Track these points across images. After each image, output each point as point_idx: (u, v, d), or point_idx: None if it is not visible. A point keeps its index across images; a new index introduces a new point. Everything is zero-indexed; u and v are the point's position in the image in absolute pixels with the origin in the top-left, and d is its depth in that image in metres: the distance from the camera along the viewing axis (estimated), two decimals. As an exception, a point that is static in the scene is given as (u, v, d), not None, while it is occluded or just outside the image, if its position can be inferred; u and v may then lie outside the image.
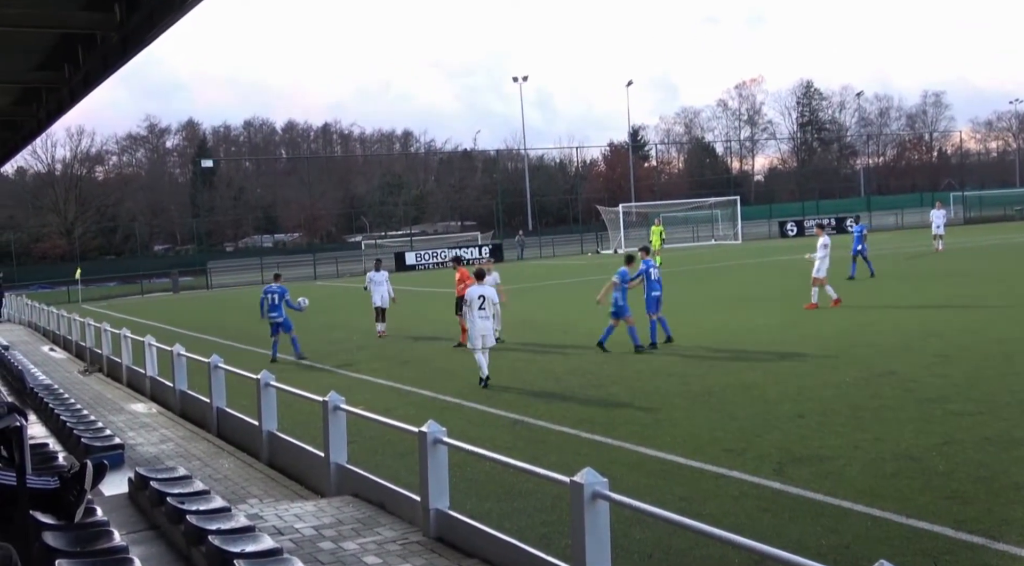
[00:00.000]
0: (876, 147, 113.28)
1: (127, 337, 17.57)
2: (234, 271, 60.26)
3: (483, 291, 14.82)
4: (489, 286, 15.28)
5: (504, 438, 10.91)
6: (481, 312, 14.55)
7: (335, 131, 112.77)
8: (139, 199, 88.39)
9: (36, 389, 12.82)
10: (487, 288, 15.07)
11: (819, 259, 21.61)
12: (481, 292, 14.77)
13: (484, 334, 14.49)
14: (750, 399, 12.21)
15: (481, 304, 14.59)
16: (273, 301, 19.78)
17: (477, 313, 14.56)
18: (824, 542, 6.93)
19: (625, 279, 16.91)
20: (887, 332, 17.07)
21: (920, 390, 11.93)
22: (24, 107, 12.54)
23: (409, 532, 7.01)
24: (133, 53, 8.60)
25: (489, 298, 14.74)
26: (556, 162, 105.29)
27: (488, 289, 15.01)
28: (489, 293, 14.85)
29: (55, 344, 25.69)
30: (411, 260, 58.32)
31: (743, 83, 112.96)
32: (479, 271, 15.80)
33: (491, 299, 14.81)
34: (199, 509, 6.32)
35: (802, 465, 8.96)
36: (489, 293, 14.85)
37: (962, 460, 8.78)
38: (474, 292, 14.83)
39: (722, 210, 69.01)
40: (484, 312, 14.58)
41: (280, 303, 19.78)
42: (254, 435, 10.70)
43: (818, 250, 21.79)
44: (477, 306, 14.58)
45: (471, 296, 14.77)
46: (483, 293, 14.75)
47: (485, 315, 14.60)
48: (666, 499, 7.90)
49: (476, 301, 14.62)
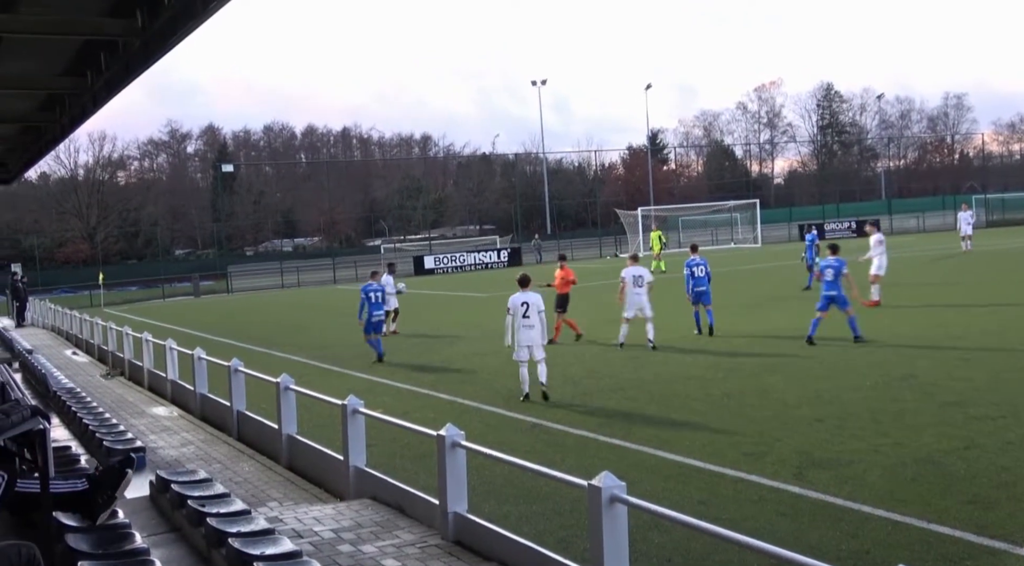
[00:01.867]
0: (897, 150, 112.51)
1: (148, 341, 17.69)
2: (254, 275, 60.60)
3: (527, 298, 13.63)
4: (533, 292, 13.97)
5: (522, 441, 10.91)
6: (526, 321, 13.49)
7: (354, 135, 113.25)
8: (160, 204, 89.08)
9: (59, 392, 12.92)
10: (531, 294, 13.78)
11: (877, 256, 21.55)
12: (525, 299, 13.60)
13: (530, 345, 13.46)
14: (769, 402, 12.17)
15: (525, 312, 13.50)
16: (378, 299, 19.31)
17: (521, 321, 13.50)
18: (844, 547, 6.89)
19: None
20: (907, 335, 16.96)
21: (941, 393, 11.85)
22: (48, 113, 12.67)
23: (427, 535, 7.03)
24: (155, 58, 8.70)
25: (534, 305, 13.58)
26: (575, 165, 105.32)
27: (532, 295, 13.77)
28: (533, 300, 13.65)
29: (77, 348, 25.89)
30: (430, 264, 58.42)
31: (762, 86, 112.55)
32: (523, 277, 14.29)
33: (536, 306, 13.59)
34: (220, 512, 6.35)
35: (821, 469, 8.92)
36: (533, 300, 13.65)
37: (984, 464, 8.71)
38: (517, 299, 13.67)
39: (741, 213, 68.74)
40: (529, 320, 13.49)
41: (382, 301, 19.41)
42: (274, 438, 10.76)
43: (873, 247, 21.81)
44: (521, 314, 13.52)
45: (514, 304, 13.67)
46: (527, 300, 13.59)
47: (530, 324, 13.50)
48: (684, 503, 7.89)
49: (519, 309, 13.55)
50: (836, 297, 16.64)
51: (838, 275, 16.71)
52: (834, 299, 16.64)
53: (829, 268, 16.78)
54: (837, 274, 16.70)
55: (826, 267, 16.88)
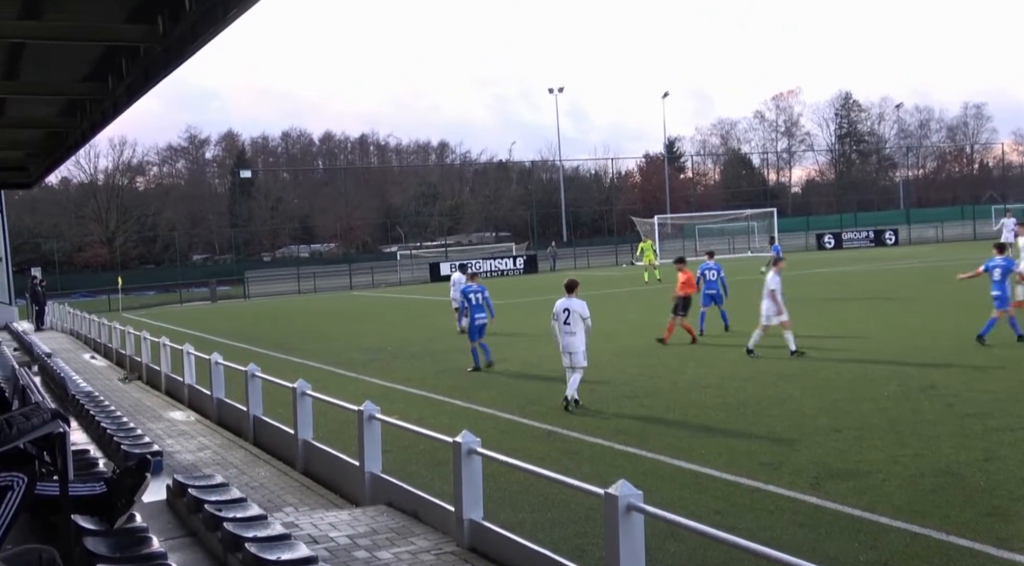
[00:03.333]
0: (916, 159, 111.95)
1: (166, 345, 17.78)
2: (271, 281, 60.83)
3: (569, 304, 13.38)
4: (577, 299, 13.61)
5: (538, 449, 10.90)
6: (567, 327, 13.27)
7: (371, 142, 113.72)
8: (179, 209, 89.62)
9: (77, 396, 13.00)
10: (574, 301, 13.45)
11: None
12: (567, 305, 13.36)
13: (571, 352, 13.28)
14: (786, 412, 12.10)
15: (567, 318, 13.28)
16: (477, 300, 18.24)
17: (563, 328, 13.31)
18: (862, 558, 6.84)
19: None
20: (927, 345, 16.85)
21: (960, 404, 11.76)
22: (69, 118, 12.78)
23: (443, 542, 7.02)
24: (175, 65, 8.76)
25: (576, 312, 13.29)
26: (591, 173, 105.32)
27: (576, 302, 13.44)
28: (576, 306, 13.34)
29: (96, 352, 26.05)
30: (446, 271, 58.43)
31: (780, 94, 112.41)
32: (570, 282, 13.85)
33: (578, 313, 13.30)
34: (236, 516, 6.37)
35: (839, 480, 8.86)
36: (576, 306, 13.34)
37: (1004, 476, 8.63)
38: (560, 306, 13.41)
39: (758, 222, 68.55)
40: (570, 327, 13.27)
41: (483, 304, 18.25)
42: (290, 444, 10.79)
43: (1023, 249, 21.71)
44: (563, 320, 13.31)
45: (557, 310, 13.44)
46: (569, 306, 13.35)
47: (571, 330, 13.26)
48: (701, 512, 7.85)
49: (561, 315, 13.33)
50: (1000, 296, 16.89)
51: (1006, 274, 16.98)
52: (997, 298, 16.88)
53: (997, 268, 17.02)
54: (1005, 273, 16.94)
55: (994, 267, 17.05)
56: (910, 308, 23.21)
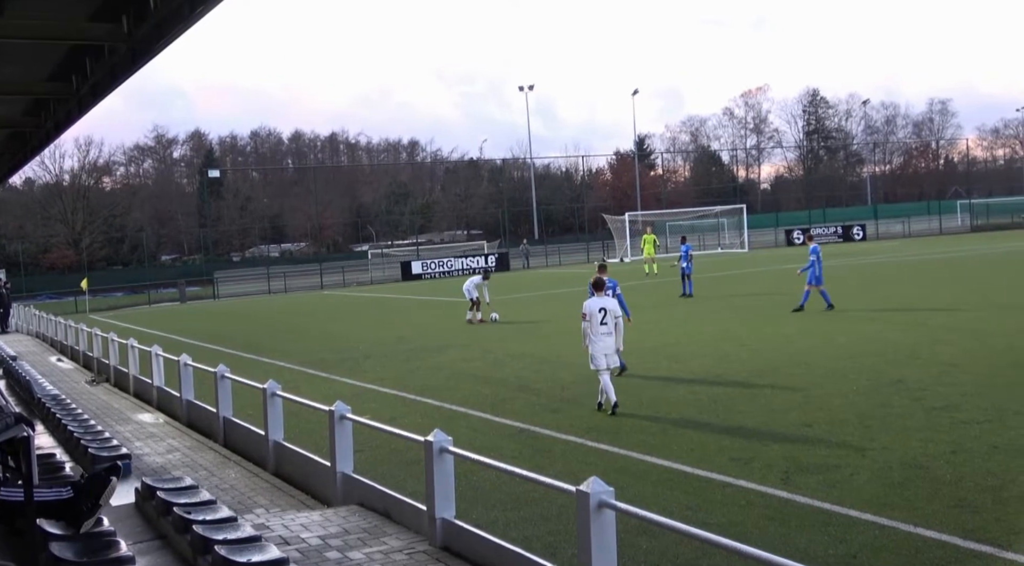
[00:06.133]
0: (883, 155, 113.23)
1: (134, 347, 17.60)
2: (241, 281, 60.45)
3: (604, 303, 12.77)
4: (609, 297, 13.25)
5: (510, 447, 10.90)
6: (603, 327, 12.56)
7: (341, 141, 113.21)
8: (146, 209, 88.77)
9: (43, 399, 12.83)
10: (608, 299, 13.00)
11: None
12: (602, 305, 12.72)
13: (607, 353, 12.63)
14: (757, 408, 12.19)
15: (603, 318, 12.58)
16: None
17: (599, 329, 12.57)
18: (832, 551, 6.90)
19: None
20: (896, 340, 17.03)
21: (928, 398, 11.89)
22: (33, 118, 12.63)
23: (415, 541, 7.00)
24: (141, 63, 8.67)
25: (611, 311, 12.70)
26: (562, 171, 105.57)
27: (610, 300, 13.00)
28: (611, 305, 12.82)
29: (62, 354, 25.74)
30: (417, 270, 58.41)
31: (749, 91, 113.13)
32: (598, 280, 13.28)
33: (613, 312, 12.73)
34: (206, 519, 6.32)
35: (809, 474, 8.93)
36: (611, 305, 12.82)
37: (970, 469, 8.75)
38: (594, 305, 12.69)
39: (728, 218, 69.04)
40: (606, 327, 12.57)
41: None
42: (261, 445, 10.71)
43: None
44: (598, 321, 12.59)
45: (591, 310, 12.66)
46: (604, 305, 12.72)
47: (608, 330, 12.59)
48: (673, 508, 7.89)
49: (597, 315, 12.60)
50: None
51: None
52: None
53: None
54: None
55: None
56: (879, 301, 23.44)
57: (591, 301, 12.86)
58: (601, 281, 13.32)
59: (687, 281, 29.47)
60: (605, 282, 13.45)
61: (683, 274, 29.50)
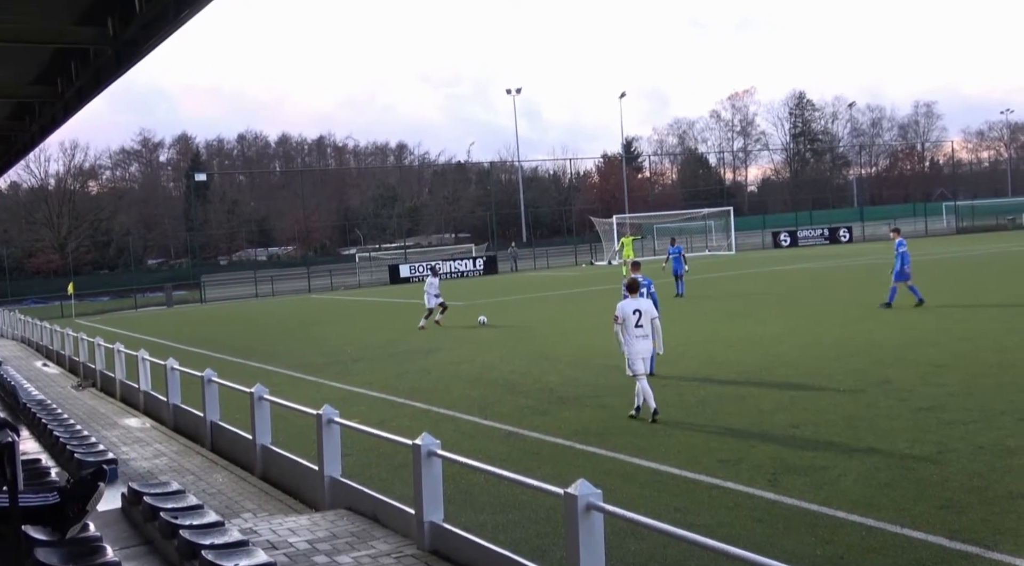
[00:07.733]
0: (868, 157, 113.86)
1: (120, 351, 17.52)
2: (228, 285, 60.26)
3: (639, 305, 12.33)
4: (644, 297, 12.85)
5: (498, 450, 10.89)
6: (639, 330, 12.12)
7: (329, 144, 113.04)
8: (133, 213, 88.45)
9: (29, 404, 12.77)
10: (643, 301, 12.57)
11: None
12: (636, 306, 12.28)
13: (645, 357, 12.25)
14: (744, 409, 12.22)
15: (638, 321, 12.15)
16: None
17: (634, 331, 12.13)
18: (819, 553, 6.92)
19: None
20: (882, 341, 17.10)
21: (915, 399, 11.95)
22: (18, 121, 12.57)
23: (404, 545, 6.99)
24: (127, 67, 8.65)
25: (647, 313, 12.27)
26: (550, 173, 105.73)
27: (645, 302, 12.58)
28: (646, 306, 12.40)
29: (48, 359, 25.61)
30: (405, 273, 58.26)
31: (735, 94, 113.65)
32: (632, 282, 12.91)
33: (648, 314, 12.30)
34: (192, 524, 6.30)
35: (796, 475, 8.96)
36: (646, 306, 12.40)
37: (956, 469, 8.79)
38: (628, 307, 12.24)
39: (715, 221, 69.27)
40: (642, 330, 12.14)
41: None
42: (248, 449, 10.68)
43: None
44: (633, 323, 12.15)
45: (624, 312, 12.22)
46: (639, 307, 12.26)
47: (644, 333, 12.16)
48: (660, 510, 7.90)
49: (631, 317, 12.16)
50: None
51: None
52: None
53: None
54: None
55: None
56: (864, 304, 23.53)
57: (625, 303, 12.44)
58: (635, 282, 13.00)
59: (679, 281, 29.89)
60: (639, 282, 13.12)
61: (675, 274, 29.95)
